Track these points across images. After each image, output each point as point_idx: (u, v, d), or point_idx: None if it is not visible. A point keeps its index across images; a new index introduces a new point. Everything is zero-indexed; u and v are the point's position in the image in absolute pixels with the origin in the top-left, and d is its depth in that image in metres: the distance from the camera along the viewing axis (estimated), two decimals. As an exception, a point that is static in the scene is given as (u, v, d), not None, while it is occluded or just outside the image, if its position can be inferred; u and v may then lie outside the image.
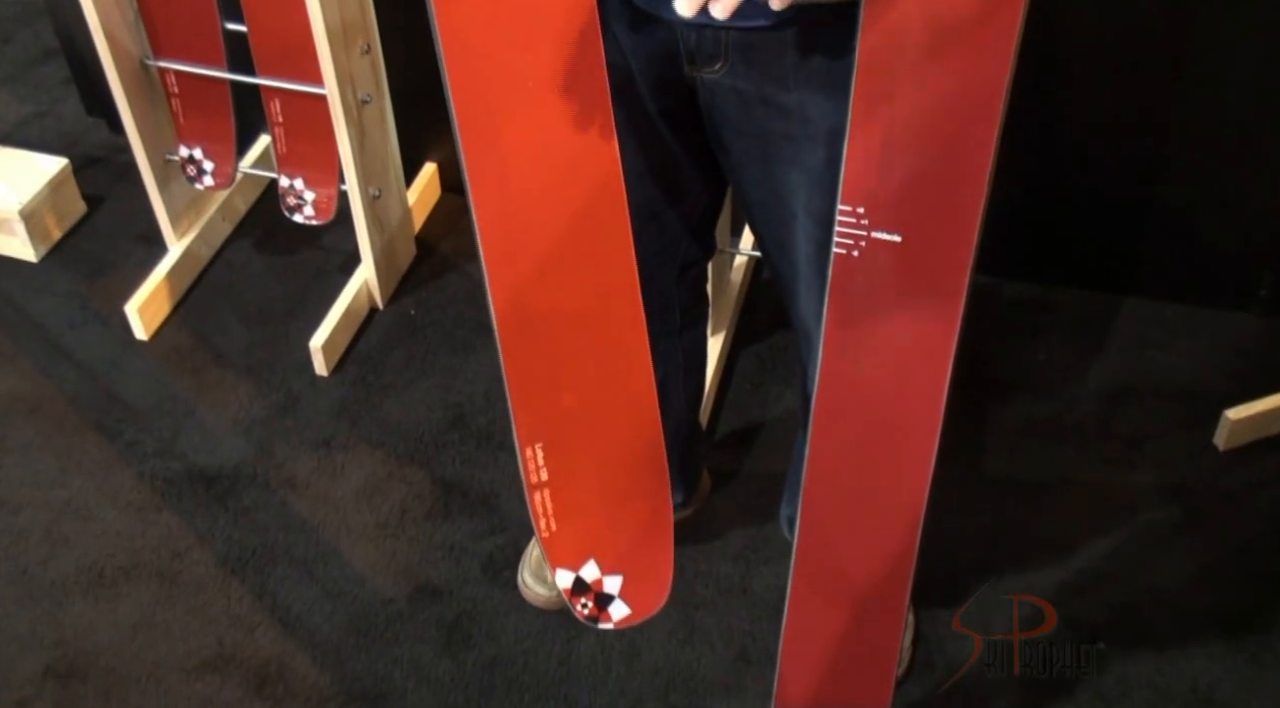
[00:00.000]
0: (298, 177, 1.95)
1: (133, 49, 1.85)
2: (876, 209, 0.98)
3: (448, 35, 0.92)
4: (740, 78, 1.04)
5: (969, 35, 0.89)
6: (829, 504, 1.19)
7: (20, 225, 2.09)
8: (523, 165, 0.98)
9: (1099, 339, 1.94)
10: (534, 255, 1.02)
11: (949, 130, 0.93)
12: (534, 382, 1.07)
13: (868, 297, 1.04)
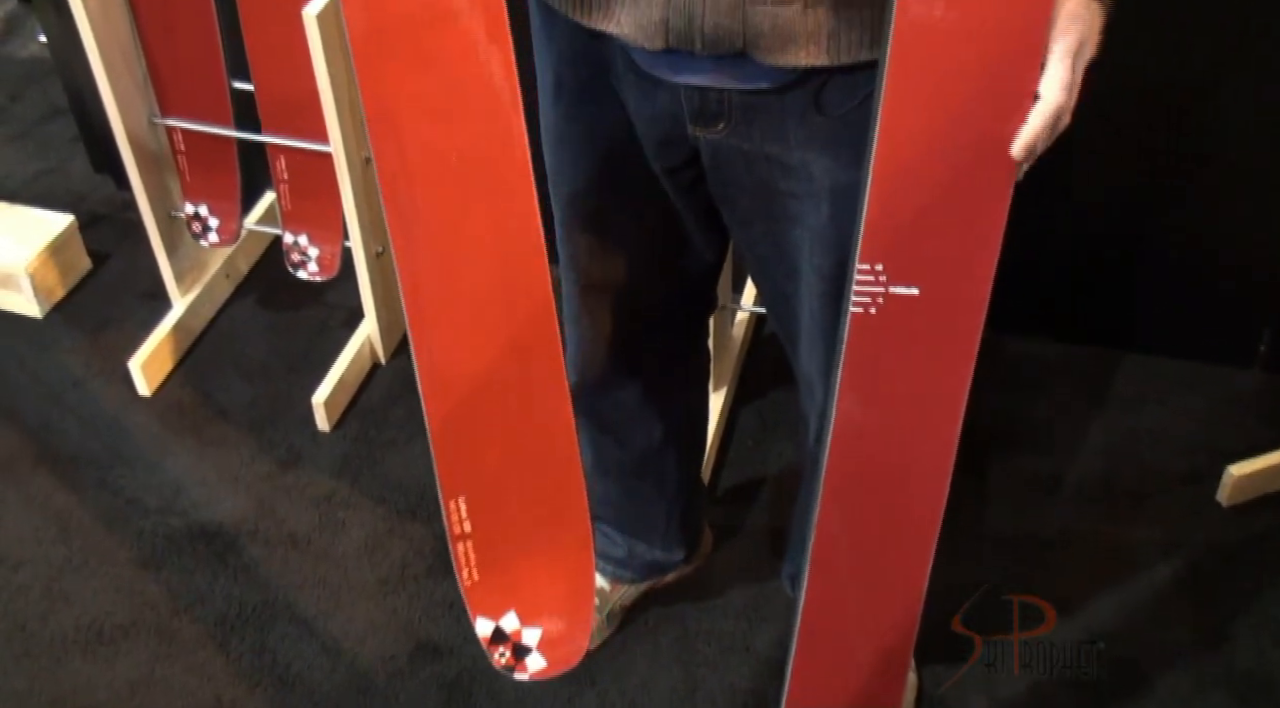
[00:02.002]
0: (302, 233, 1.96)
1: (140, 107, 1.87)
2: (895, 264, 0.98)
3: (371, 103, 0.94)
4: (743, 137, 1.05)
5: (988, 94, 0.90)
6: (836, 560, 1.18)
7: (26, 281, 2.10)
8: (444, 230, 1.01)
9: (1100, 395, 1.95)
10: (455, 315, 1.05)
11: (968, 182, 0.94)
12: (457, 437, 1.10)
13: (884, 353, 1.04)
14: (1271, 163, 1.74)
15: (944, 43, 0.88)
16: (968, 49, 0.88)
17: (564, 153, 1.17)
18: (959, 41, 0.88)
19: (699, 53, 0.95)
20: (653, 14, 0.94)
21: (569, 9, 1.01)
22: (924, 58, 0.89)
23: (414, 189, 0.99)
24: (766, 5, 0.92)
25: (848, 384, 1.06)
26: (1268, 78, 1.66)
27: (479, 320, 1.06)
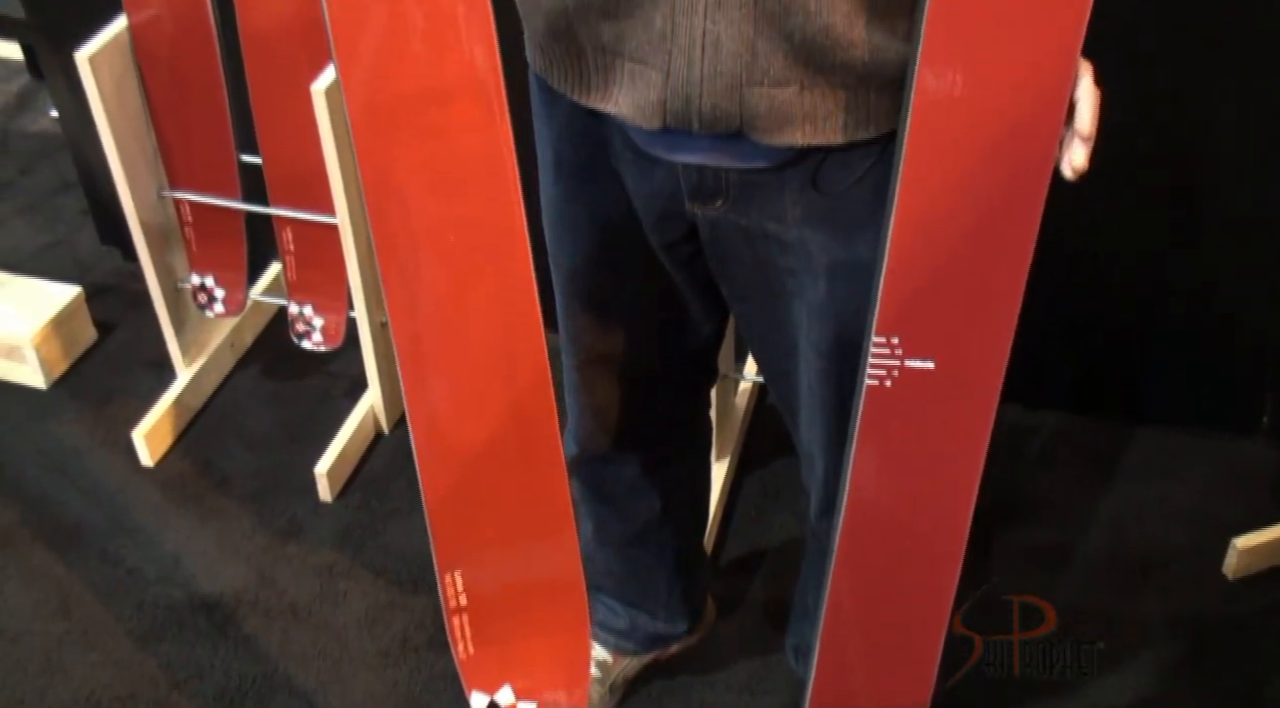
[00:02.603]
0: (307, 303, 1.97)
1: (149, 181, 1.89)
2: (911, 337, 0.99)
3: (370, 177, 0.96)
4: (741, 214, 1.06)
5: (1006, 165, 0.91)
6: (847, 633, 1.17)
7: (31, 353, 2.11)
8: (441, 304, 1.02)
9: (1104, 466, 1.94)
10: (452, 387, 1.06)
11: (985, 254, 0.95)
12: (454, 509, 1.11)
13: (898, 426, 1.04)
14: (1272, 234, 1.76)
15: (963, 117, 0.89)
16: (987, 122, 0.89)
17: (564, 229, 1.19)
18: (978, 115, 0.89)
19: (697, 132, 0.96)
20: (650, 95, 0.95)
21: (569, 89, 1.03)
22: (942, 133, 0.90)
23: (412, 264, 1.00)
24: (763, 87, 0.93)
25: (861, 457, 1.06)
26: (1270, 147, 1.68)
27: (476, 393, 1.06)
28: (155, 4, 1.75)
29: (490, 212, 0.98)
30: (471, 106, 0.95)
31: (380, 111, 0.95)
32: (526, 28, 1.06)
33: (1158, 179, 1.76)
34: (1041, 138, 0.89)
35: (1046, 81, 0.88)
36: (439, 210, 0.98)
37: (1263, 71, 1.61)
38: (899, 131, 0.91)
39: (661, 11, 0.92)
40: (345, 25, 0.91)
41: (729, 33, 0.91)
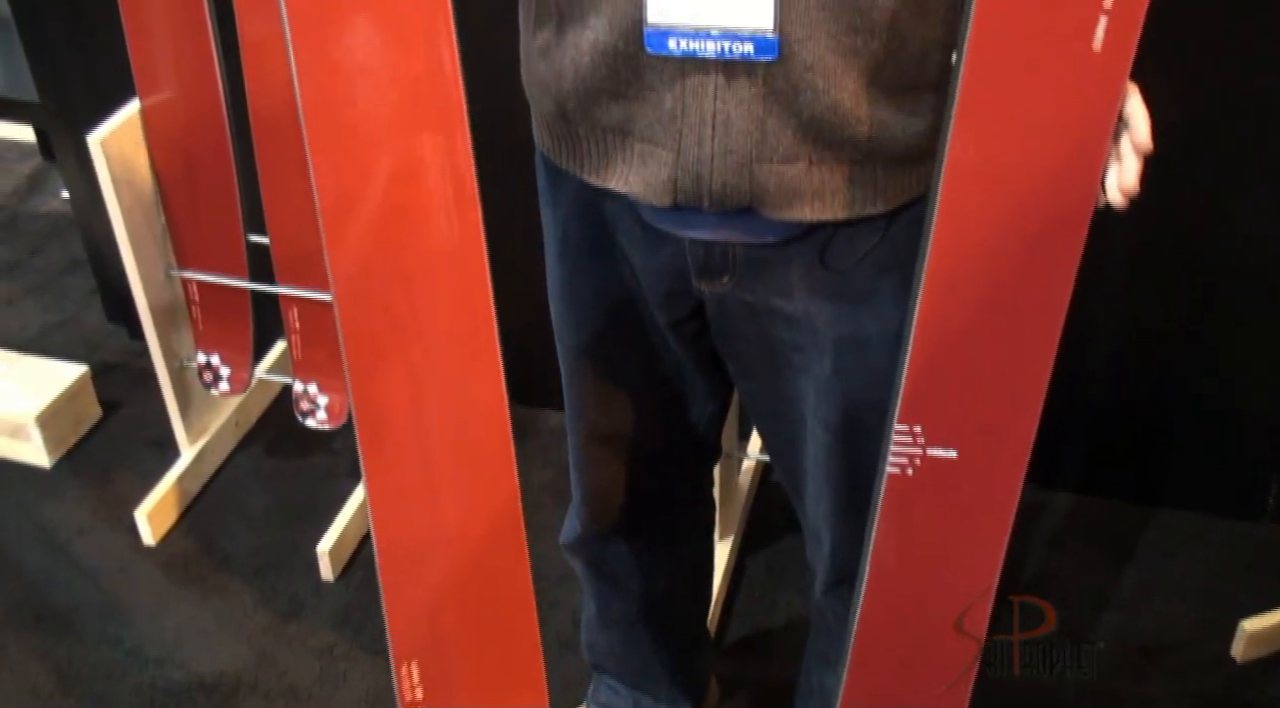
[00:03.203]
0: (312, 382, 1.98)
1: (158, 260, 1.91)
2: (934, 426, 0.98)
3: (338, 265, 0.97)
4: (747, 290, 1.07)
5: (1033, 260, 0.91)
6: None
7: (36, 432, 2.12)
8: (405, 391, 1.03)
9: (1112, 547, 1.93)
10: (415, 478, 1.06)
11: (1013, 339, 0.94)
12: (412, 599, 1.09)
13: (919, 513, 1.03)
14: (1276, 317, 1.77)
15: (992, 200, 0.89)
16: (1020, 197, 0.89)
17: (570, 306, 1.19)
18: (1011, 190, 0.89)
19: (707, 209, 0.98)
20: (661, 173, 0.97)
21: (578, 169, 1.04)
22: (974, 209, 0.89)
23: (377, 348, 1.01)
24: (772, 163, 0.94)
25: (881, 544, 1.04)
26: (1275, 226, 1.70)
27: (439, 483, 1.07)
28: (168, 87, 1.78)
29: (457, 298, 1.00)
30: (441, 192, 0.96)
31: (349, 196, 0.96)
32: (534, 110, 1.08)
33: (1171, 265, 1.77)
34: (1072, 229, 0.89)
35: (1083, 143, 0.88)
36: (404, 295, 0.99)
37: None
38: (926, 217, 0.91)
39: (672, 93, 0.94)
40: (318, 110, 0.92)
41: (738, 112, 0.92)
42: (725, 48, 0.90)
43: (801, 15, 0.89)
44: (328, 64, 0.90)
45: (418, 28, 0.91)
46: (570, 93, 0.99)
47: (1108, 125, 0.86)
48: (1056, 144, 0.87)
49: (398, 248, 0.98)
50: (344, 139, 0.93)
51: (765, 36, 0.89)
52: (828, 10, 0.88)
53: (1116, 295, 1.78)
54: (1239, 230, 1.71)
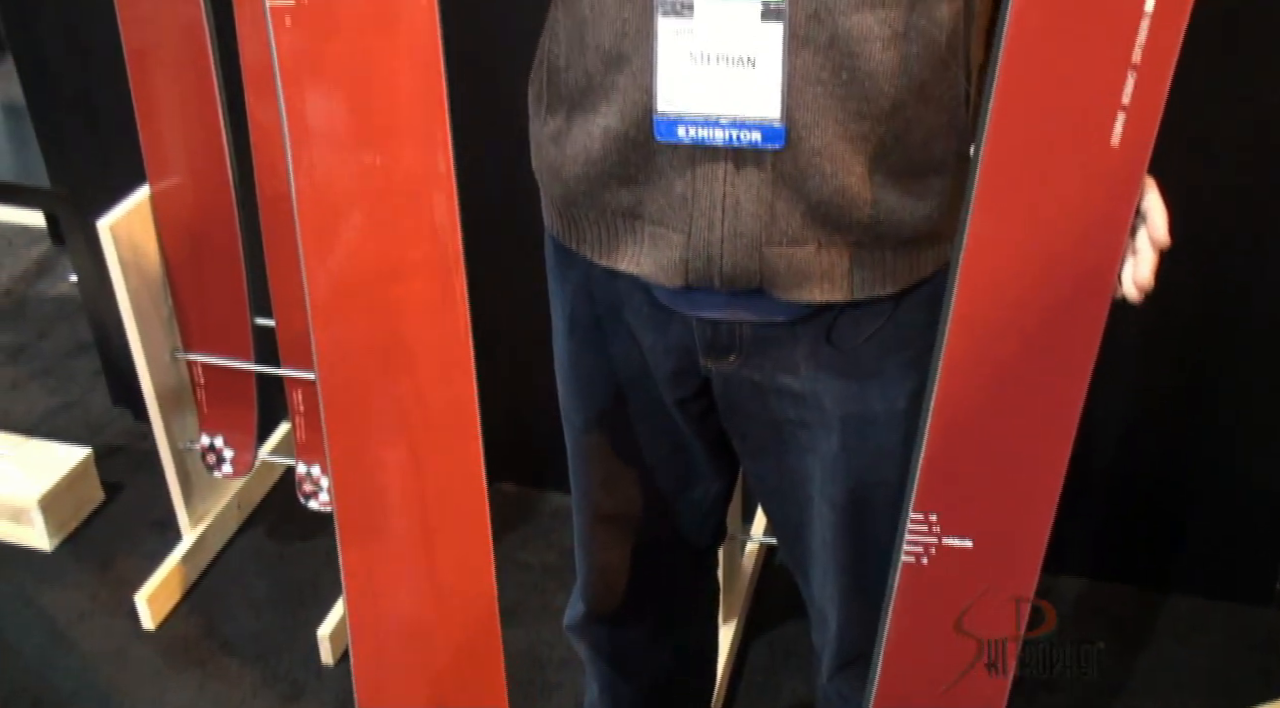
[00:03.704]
0: (315, 463, 1.98)
1: (164, 343, 1.92)
2: (949, 515, 0.98)
3: (324, 353, 0.99)
4: (755, 369, 1.08)
5: (1050, 352, 0.91)
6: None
7: (38, 516, 2.11)
8: (385, 478, 1.05)
9: (1118, 631, 1.91)
10: (392, 568, 1.08)
11: (1031, 427, 0.94)
12: (384, 685, 1.10)
13: (933, 602, 1.02)
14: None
15: (1012, 283, 0.89)
16: (1038, 290, 0.89)
17: (577, 385, 1.20)
18: (1029, 282, 0.89)
19: (717, 289, 0.99)
20: (672, 255, 0.98)
21: (588, 251, 1.06)
22: (991, 301, 0.90)
23: (360, 437, 1.01)
24: (782, 246, 0.96)
25: (895, 634, 1.03)
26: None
27: (415, 572, 1.07)
28: (178, 172, 1.81)
29: (445, 392, 1.01)
30: (428, 287, 0.98)
31: (339, 289, 0.98)
32: (544, 193, 1.09)
33: (1182, 351, 1.78)
34: (1089, 321, 0.90)
35: (1095, 261, 0.88)
36: (391, 385, 1.00)
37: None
38: (944, 308, 0.92)
39: (682, 178, 0.95)
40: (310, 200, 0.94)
41: (748, 196, 0.94)
42: (734, 136, 0.92)
43: (809, 102, 0.90)
44: (322, 155, 0.93)
45: (414, 125, 0.93)
46: (581, 177, 1.00)
47: (1125, 219, 0.87)
48: (1074, 237, 0.88)
49: (383, 337, 0.99)
50: (335, 230, 0.96)
51: (773, 125, 0.91)
52: (834, 98, 0.90)
53: (1124, 379, 1.78)
54: (1250, 313, 1.72)
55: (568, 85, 1.00)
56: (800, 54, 0.89)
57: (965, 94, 0.95)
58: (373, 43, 0.90)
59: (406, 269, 0.98)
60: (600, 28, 0.94)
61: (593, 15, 0.95)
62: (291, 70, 0.89)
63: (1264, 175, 1.61)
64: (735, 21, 0.90)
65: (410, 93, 0.93)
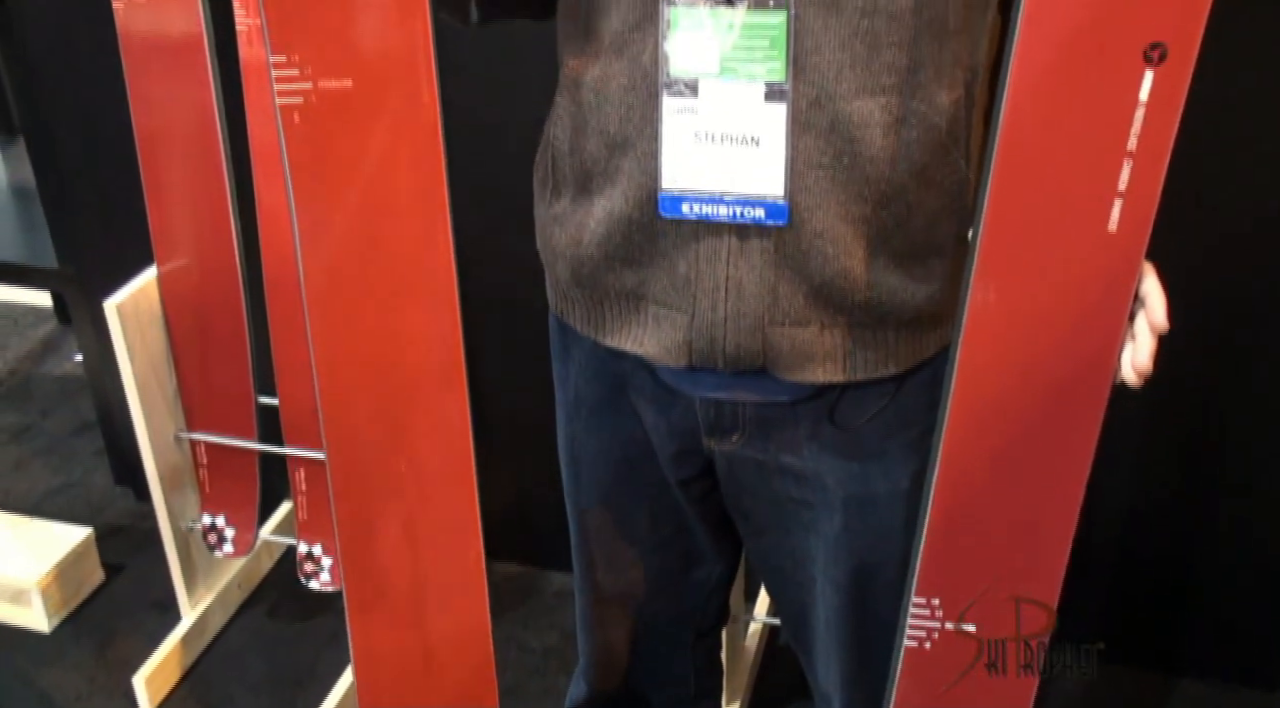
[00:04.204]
0: (316, 543, 1.97)
1: (168, 422, 1.93)
2: (952, 599, 0.97)
3: (331, 428, 0.99)
4: (758, 449, 1.08)
5: (1051, 437, 0.92)
6: None
7: (37, 597, 2.10)
8: (393, 553, 1.07)
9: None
10: (396, 638, 1.11)
11: (1034, 511, 0.94)
12: None
13: (937, 688, 1.01)
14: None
15: (1010, 370, 0.90)
16: (1037, 377, 0.90)
17: (580, 466, 1.20)
18: (1028, 369, 0.90)
19: (720, 370, 1.00)
20: (676, 336, 0.99)
21: (592, 331, 1.07)
22: (990, 389, 0.90)
23: (368, 513, 1.03)
24: (784, 327, 0.97)
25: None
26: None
27: (412, 644, 1.10)
28: (185, 253, 1.83)
29: (445, 468, 1.03)
30: (431, 363, 1.00)
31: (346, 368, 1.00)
32: (548, 274, 1.11)
33: (1186, 430, 1.78)
34: (1090, 406, 0.90)
35: (1094, 346, 0.89)
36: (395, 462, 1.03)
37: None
38: (943, 395, 0.92)
39: (685, 259, 0.96)
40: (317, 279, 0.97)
41: (751, 277, 0.95)
42: (738, 212, 0.93)
43: (811, 185, 0.92)
44: (329, 241, 0.95)
45: (417, 211, 0.96)
46: (585, 259, 1.02)
47: (1124, 304, 0.87)
48: (1073, 322, 0.89)
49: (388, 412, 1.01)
50: (340, 308, 0.97)
51: (777, 202, 0.92)
52: (835, 181, 0.92)
53: (1128, 459, 1.78)
54: (1255, 395, 1.73)
55: (572, 169, 1.01)
56: (802, 138, 0.91)
57: (966, 178, 0.96)
58: (378, 136, 0.93)
59: (411, 348, 0.99)
60: (604, 113, 0.96)
61: (596, 101, 0.96)
62: (300, 163, 0.92)
63: (1262, 260, 1.62)
64: (739, 102, 0.92)
65: (414, 182, 0.95)
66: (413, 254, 0.97)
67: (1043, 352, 0.89)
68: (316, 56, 0.89)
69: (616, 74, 0.95)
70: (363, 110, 0.92)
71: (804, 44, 0.89)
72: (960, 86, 0.93)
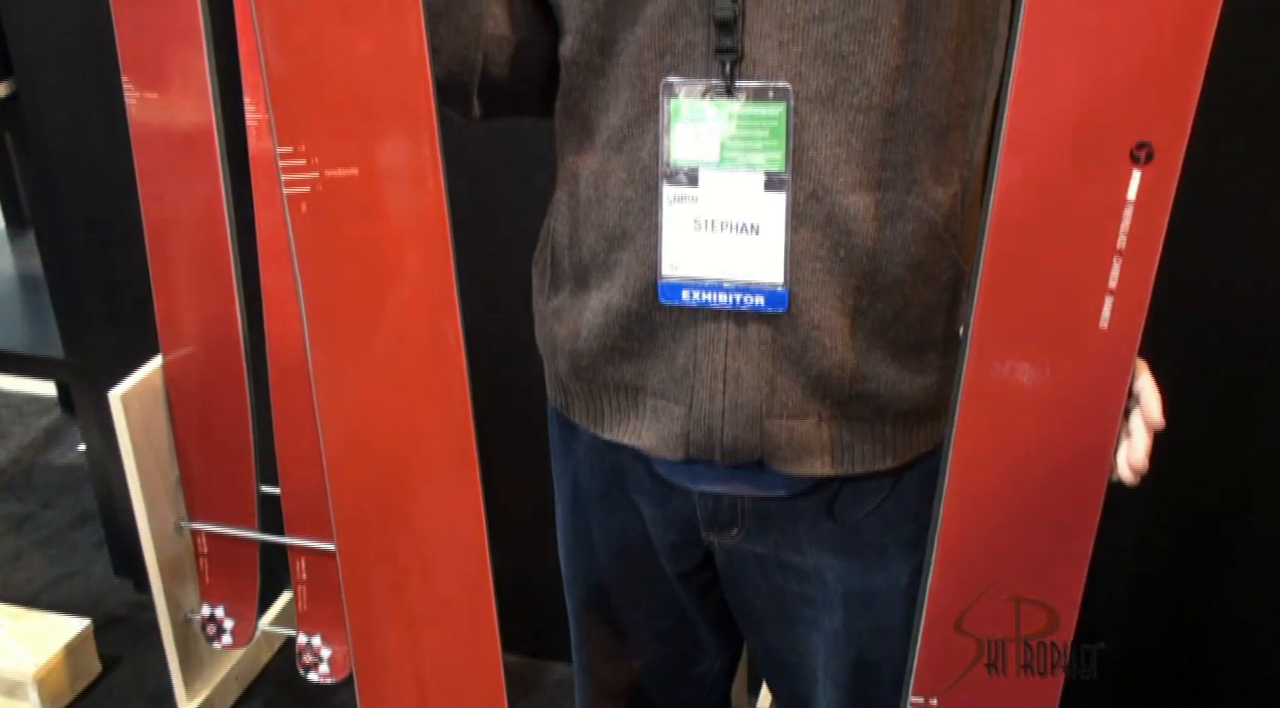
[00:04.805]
0: (316, 634, 1.96)
1: (169, 512, 1.92)
2: (950, 700, 0.96)
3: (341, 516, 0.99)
4: (757, 543, 1.07)
5: (1044, 542, 0.91)
6: None
7: (33, 690, 2.07)
8: (402, 644, 1.07)
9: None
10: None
11: (1027, 620, 0.94)
12: None
13: None
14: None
15: (1003, 471, 0.89)
16: (1030, 477, 0.89)
17: (580, 560, 1.20)
18: (1020, 468, 0.89)
19: (718, 462, 0.99)
20: (673, 427, 0.99)
21: (591, 423, 1.07)
22: (983, 491, 0.90)
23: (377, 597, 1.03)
24: (782, 419, 0.97)
25: None
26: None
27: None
28: (191, 342, 1.84)
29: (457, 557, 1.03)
30: (442, 453, 1.00)
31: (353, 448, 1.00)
32: (547, 367, 1.11)
33: (1183, 535, 1.77)
34: (1085, 508, 0.90)
35: (1088, 445, 0.89)
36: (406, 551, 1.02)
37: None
38: (935, 501, 0.92)
39: (683, 350, 0.97)
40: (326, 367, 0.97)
41: (748, 368, 0.95)
42: (737, 299, 0.94)
43: (807, 277, 0.93)
44: (338, 329, 0.96)
45: (425, 301, 0.96)
46: (584, 352, 1.02)
47: (1118, 402, 0.87)
48: (1066, 420, 0.89)
49: (398, 502, 1.01)
50: (350, 398, 0.98)
51: (776, 290, 0.93)
52: (832, 274, 0.93)
53: (1149, 553, 1.77)
54: (1255, 490, 1.72)
55: (571, 263, 1.02)
56: (799, 231, 0.92)
57: (962, 272, 0.97)
58: (384, 226, 0.94)
59: (420, 437, 1.00)
60: (603, 207, 0.97)
61: (595, 196, 0.98)
62: (308, 252, 0.93)
63: (1259, 357, 1.63)
64: (740, 191, 0.93)
65: (421, 268, 0.96)
66: (422, 342, 0.97)
67: (1036, 449, 0.89)
68: (323, 146, 0.91)
69: (615, 169, 0.96)
70: (369, 198, 0.93)
71: (801, 138, 0.90)
72: (956, 182, 0.95)
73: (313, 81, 0.89)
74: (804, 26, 0.88)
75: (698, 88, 0.91)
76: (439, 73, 0.95)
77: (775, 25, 0.88)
